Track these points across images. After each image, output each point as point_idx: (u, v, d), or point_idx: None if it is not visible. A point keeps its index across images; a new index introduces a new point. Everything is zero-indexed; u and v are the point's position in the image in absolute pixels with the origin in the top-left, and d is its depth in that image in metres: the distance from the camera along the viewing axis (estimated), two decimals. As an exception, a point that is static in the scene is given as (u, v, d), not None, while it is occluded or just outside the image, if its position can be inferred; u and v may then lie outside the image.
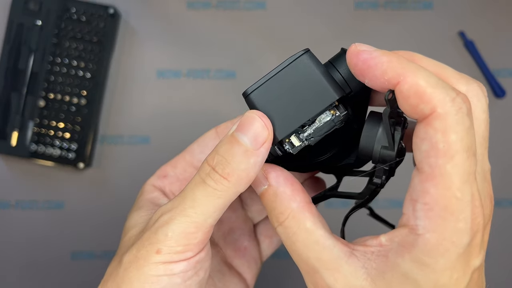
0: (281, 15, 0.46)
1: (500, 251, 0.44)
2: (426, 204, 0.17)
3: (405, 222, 0.18)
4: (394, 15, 0.46)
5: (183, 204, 0.21)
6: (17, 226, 0.44)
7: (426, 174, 0.18)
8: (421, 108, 0.17)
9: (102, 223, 0.44)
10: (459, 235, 0.17)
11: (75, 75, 0.43)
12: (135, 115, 0.45)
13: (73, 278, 0.44)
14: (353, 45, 0.19)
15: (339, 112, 0.20)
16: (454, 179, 0.17)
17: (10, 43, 0.43)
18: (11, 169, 0.44)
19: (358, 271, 0.19)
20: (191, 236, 0.20)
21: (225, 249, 0.28)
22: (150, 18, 0.45)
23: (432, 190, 0.17)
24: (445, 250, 0.17)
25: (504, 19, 0.46)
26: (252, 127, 0.20)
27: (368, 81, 0.19)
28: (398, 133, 0.20)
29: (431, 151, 0.17)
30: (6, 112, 0.43)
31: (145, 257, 0.21)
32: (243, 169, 0.20)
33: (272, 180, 0.20)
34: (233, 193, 0.20)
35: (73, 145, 0.43)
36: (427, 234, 0.17)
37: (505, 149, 0.45)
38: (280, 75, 0.20)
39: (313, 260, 0.19)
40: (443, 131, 0.17)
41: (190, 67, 0.45)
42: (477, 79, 0.49)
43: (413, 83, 0.18)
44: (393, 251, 0.18)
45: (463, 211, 0.17)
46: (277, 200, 0.20)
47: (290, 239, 0.20)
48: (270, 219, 0.21)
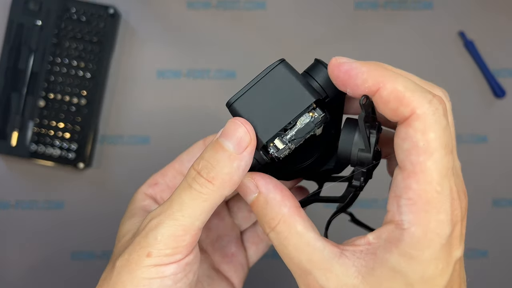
0: (281, 15, 0.46)
1: (500, 251, 0.44)
2: (410, 199, 0.19)
3: (391, 219, 0.19)
4: (394, 15, 0.46)
5: (171, 208, 0.21)
6: (17, 226, 0.44)
7: (408, 171, 0.19)
8: (401, 111, 0.19)
9: (102, 223, 0.44)
10: (442, 227, 0.19)
11: (75, 75, 0.43)
12: (135, 115, 0.45)
13: (73, 278, 0.44)
14: (334, 59, 0.21)
15: (317, 114, 0.22)
16: (434, 175, 0.18)
17: (10, 43, 0.43)
18: (11, 169, 0.44)
19: (349, 270, 0.19)
20: (179, 239, 0.21)
21: (213, 255, 0.29)
22: (150, 18, 0.45)
23: (414, 185, 0.19)
24: (430, 242, 0.18)
25: (504, 19, 0.46)
26: (235, 133, 0.21)
27: (350, 90, 0.20)
28: (373, 136, 0.21)
29: (412, 149, 0.19)
30: (6, 112, 0.43)
31: (136, 261, 0.21)
32: (227, 172, 0.21)
33: (262, 187, 0.21)
34: (218, 196, 0.21)
35: (73, 145, 0.43)
36: (412, 227, 0.18)
37: (505, 149, 0.45)
38: (260, 84, 0.22)
39: (305, 262, 0.20)
40: (422, 131, 0.18)
41: (190, 67, 0.45)
42: (477, 79, 0.49)
43: (392, 88, 0.19)
44: (381, 248, 0.19)
45: (443, 204, 0.19)
46: (268, 207, 0.21)
47: (282, 243, 0.21)
48: (262, 226, 0.22)
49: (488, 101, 0.45)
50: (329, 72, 0.21)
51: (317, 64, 0.23)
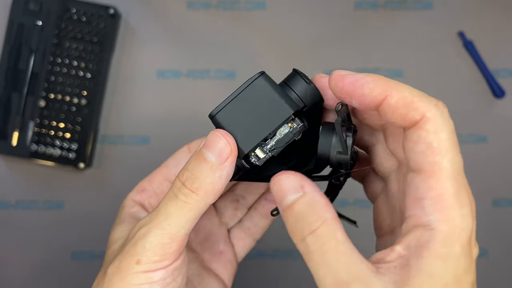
0: (281, 15, 0.46)
1: (500, 251, 0.44)
2: (433, 198, 0.19)
3: (416, 223, 0.19)
4: (394, 15, 0.46)
5: (158, 218, 0.23)
6: (17, 226, 0.44)
7: (427, 172, 0.19)
8: (411, 116, 0.20)
9: (102, 223, 0.44)
10: (466, 221, 0.19)
11: (75, 75, 0.43)
12: (135, 115, 0.45)
13: (73, 278, 0.44)
14: (336, 72, 0.21)
15: (296, 124, 0.23)
16: (451, 172, 0.19)
17: (10, 43, 0.43)
18: (11, 169, 0.44)
19: (387, 285, 0.19)
20: (166, 247, 0.22)
21: (203, 254, 0.30)
22: (150, 18, 0.45)
23: (435, 184, 0.19)
24: (458, 237, 0.19)
25: (503, 19, 0.46)
26: (216, 145, 0.22)
27: (356, 100, 0.21)
28: (350, 139, 0.23)
29: (427, 150, 0.19)
30: (7, 112, 0.43)
31: (127, 268, 0.23)
32: (209, 182, 0.22)
33: (309, 188, 0.21)
34: (202, 205, 0.22)
35: (74, 145, 0.43)
36: (440, 226, 0.19)
37: (505, 149, 0.45)
38: (240, 97, 0.23)
39: (344, 272, 0.19)
40: (434, 132, 0.19)
41: (190, 67, 0.45)
42: (476, 79, 0.49)
43: (400, 96, 0.20)
44: (413, 256, 0.19)
45: (463, 198, 0.19)
46: (312, 208, 0.20)
47: (321, 249, 0.20)
48: (298, 228, 0.21)
49: (487, 101, 0.45)
50: (331, 85, 0.21)
51: (295, 75, 0.24)
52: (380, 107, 0.20)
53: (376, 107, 0.21)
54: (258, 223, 0.31)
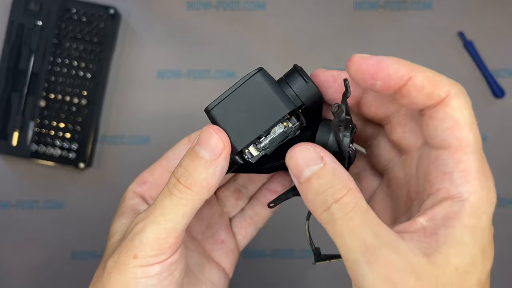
0: (281, 15, 0.46)
1: (500, 250, 0.44)
2: (463, 171, 0.20)
3: (445, 196, 0.20)
4: (394, 15, 0.46)
5: (154, 213, 0.23)
6: (17, 226, 0.44)
7: (455, 146, 0.20)
8: (437, 93, 0.20)
9: (102, 223, 0.44)
10: (492, 193, 0.20)
11: (75, 75, 0.43)
12: (135, 115, 0.45)
13: (74, 277, 0.44)
14: (356, 55, 0.21)
15: (291, 124, 0.22)
16: (477, 146, 0.20)
17: (10, 44, 0.43)
18: (11, 169, 0.44)
19: (414, 251, 0.19)
20: (162, 241, 0.23)
21: (204, 243, 0.30)
22: (150, 18, 0.45)
23: (464, 157, 0.20)
24: (485, 208, 0.20)
25: (503, 19, 0.46)
26: (209, 141, 0.22)
27: (381, 81, 0.21)
28: (347, 138, 0.22)
29: (455, 126, 0.20)
30: (7, 112, 0.43)
31: (124, 262, 0.23)
32: (203, 178, 0.22)
33: (330, 159, 0.21)
34: (197, 201, 0.23)
35: (74, 145, 0.43)
36: (471, 196, 0.19)
37: (505, 149, 0.45)
38: (237, 92, 0.23)
39: (372, 236, 0.19)
40: (460, 108, 0.20)
41: (190, 67, 0.45)
42: (476, 79, 0.49)
43: (424, 75, 0.20)
44: (441, 226, 0.19)
45: (488, 172, 0.20)
46: (336, 178, 0.21)
47: (347, 216, 0.20)
48: (321, 199, 0.21)
49: (487, 101, 0.45)
50: (353, 68, 0.21)
51: (294, 72, 0.23)
52: (404, 87, 0.21)
53: (399, 88, 0.21)
54: (259, 212, 0.31)
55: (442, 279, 0.19)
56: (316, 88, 0.23)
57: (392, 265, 0.19)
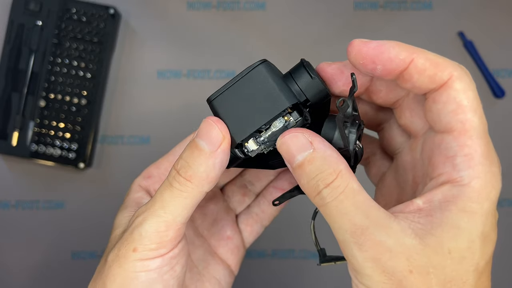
0: (281, 15, 0.46)
1: (500, 250, 0.44)
2: (466, 155, 0.19)
3: (446, 179, 0.20)
4: (394, 15, 0.46)
5: (154, 206, 0.23)
6: (17, 226, 0.44)
7: (458, 130, 0.19)
8: (439, 76, 0.20)
9: (103, 222, 0.44)
10: (497, 178, 0.19)
11: (75, 75, 0.43)
12: (135, 115, 0.45)
13: (73, 277, 0.44)
14: (356, 40, 0.21)
15: (293, 118, 0.22)
16: (481, 129, 0.19)
17: (10, 43, 0.43)
18: (11, 169, 0.44)
19: (407, 231, 0.19)
20: (162, 234, 0.23)
21: (210, 240, 0.30)
22: (150, 18, 0.45)
23: (468, 141, 0.19)
24: (488, 194, 0.19)
25: (503, 19, 0.46)
26: (208, 133, 0.22)
27: (382, 65, 0.20)
28: (353, 134, 0.21)
29: (458, 109, 0.19)
30: (7, 112, 0.43)
31: (125, 256, 0.23)
32: (203, 170, 0.22)
33: (319, 144, 0.21)
34: (197, 193, 0.22)
35: (74, 145, 0.43)
36: (472, 181, 0.19)
37: (505, 149, 0.45)
38: (239, 84, 0.22)
39: (362, 217, 0.19)
40: (464, 90, 0.20)
41: (190, 67, 0.45)
42: (476, 79, 0.49)
43: (426, 57, 0.20)
44: (437, 209, 0.19)
45: (494, 156, 0.20)
46: (326, 163, 0.20)
47: (338, 199, 0.20)
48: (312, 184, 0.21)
49: (487, 101, 0.45)
50: (353, 53, 0.21)
51: (300, 67, 0.23)
52: (406, 71, 0.20)
53: (401, 71, 0.20)
54: (266, 210, 0.31)
55: (434, 261, 0.19)
56: (322, 85, 0.22)
57: (381, 245, 0.19)
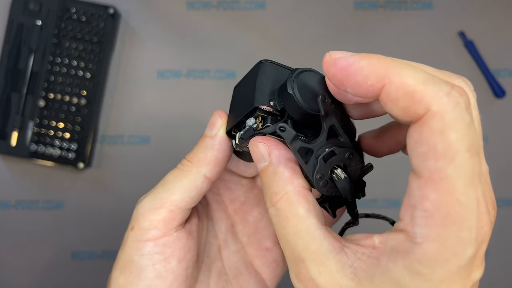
0: (281, 15, 0.46)
1: (500, 251, 0.44)
2: (426, 211, 0.16)
3: (402, 228, 0.17)
4: (394, 15, 0.46)
5: (156, 185, 0.24)
6: (17, 226, 0.44)
7: (425, 178, 0.16)
8: (414, 109, 0.16)
9: (102, 223, 0.44)
10: (463, 246, 0.16)
11: (75, 75, 0.43)
12: (135, 115, 0.45)
13: (73, 278, 0.44)
14: (327, 54, 0.18)
15: (264, 123, 0.21)
16: (457, 183, 0.15)
17: (10, 43, 0.43)
18: (11, 169, 0.44)
19: (346, 270, 0.17)
20: (156, 212, 0.23)
21: (248, 248, 0.29)
22: (150, 18, 0.45)
23: (432, 195, 0.16)
24: (445, 261, 0.16)
25: (504, 19, 0.46)
26: (211, 120, 0.24)
27: (351, 89, 0.18)
28: (316, 163, 0.19)
29: (429, 153, 0.16)
30: (6, 112, 0.43)
31: (127, 236, 0.24)
32: (202, 151, 0.24)
33: (274, 157, 0.20)
34: (196, 173, 0.24)
35: (73, 145, 0.43)
36: (425, 243, 0.16)
37: (505, 149, 0.45)
38: (245, 78, 0.23)
39: (300, 248, 0.18)
40: (440, 131, 0.15)
41: (190, 67, 0.45)
42: (476, 79, 0.49)
43: (400, 83, 0.16)
44: (386, 255, 0.17)
45: (467, 219, 0.16)
46: (275, 180, 0.19)
47: (280, 223, 0.19)
48: (264, 197, 0.20)
49: (488, 101, 0.45)
50: (324, 71, 0.18)
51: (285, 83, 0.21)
52: (380, 98, 0.17)
53: (375, 97, 0.17)
54: None
55: None
56: (297, 103, 0.20)
57: (312, 281, 0.18)
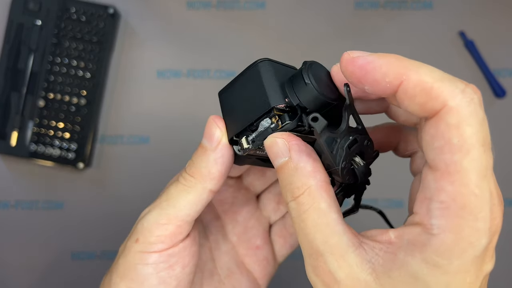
0: (281, 15, 0.46)
1: (500, 250, 0.44)
2: (442, 202, 0.17)
3: (418, 221, 0.18)
4: (394, 15, 0.46)
5: (160, 199, 0.24)
6: (17, 226, 0.44)
7: (441, 171, 0.17)
8: (431, 105, 0.17)
9: (102, 223, 0.44)
10: (478, 236, 0.16)
11: (75, 75, 0.43)
12: (134, 115, 0.45)
13: (73, 278, 0.44)
14: (346, 53, 0.19)
15: (282, 122, 0.21)
16: (472, 175, 0.16)
17: (10, 43, 0.43)
18: (11, 169, 0.44)
19: (364, 264, 0.18)
20: (162, 227, 0.23)
21: (238, 247, 0.29)
22: (150, 18, 0.45)
23: (448, 187, 0.16)
24: (462, 252, 0.16)
25: (504, 19, 0.46)
26: (209, 131, 0.23)
27: (369, 87, 0.18)
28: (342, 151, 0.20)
29: (445, 147, 0.16)
30: (6, 112, 0.43)
31: (129, 247, 0.23)
32: (204, 166, 0.23)
33: (295, 153, 0.20)
34: (200, 189, 0.23)
35: (73, 145, 0.43)
36: (442, 234, 0.17)
37: (505, 149, 0.45)
38: (241, 80, 0.22)
39: (320, 242, 0.18)
40: (456, 125, 0.16)
41: (190, 67, 0.45)
42: (477, 79, 0.49)
43: (417, 80, 0.17)
44: (403, 249, 0.17)
45: (482, 210, 0.16)
46: (296, 175, 0.20)
47: (300, 216, 0.19)
48: (284, 193, 0.20)
49: (488, 101, 0.45)
50: (342, 69, 0.19)
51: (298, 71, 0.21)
52: (396, 95, 0.18)
53: (391, 94, 0.18)
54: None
55: None
56: (316, 92, 0.21)
57: (330, 275, 0.18)
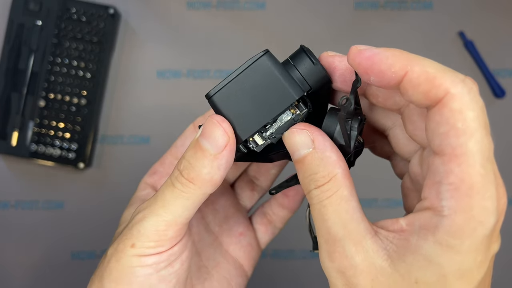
0: (281, 15, 0.46)
1: (500, 250, 0.44)
2: (451, 184, 0.17)
3: (428, 206, 0.18)
4: (394, 15, 0.46)
5: (155, 204, 0.23)
6: (17, 226, 0.44)
7: (448, 155, 0.18)
8: (434, 93, 0.18)
9: (102, 223, 0.44)
10: (487, 215, 0.17)
11: (75, 75, 0.43)
12: (135, 115, 0.45)
13: (73, 278, 0.44)
14: (353, 47, 0.20)
15: (299, 111, 0.21)
16: (477, 157, 0.17)
17: (10, 43, 0.43)
18: (11, 169, 0.44)
19: (380, 251, 0.19)
20: (161, 234, 0.22)
21: (221, 237, 0.30)
22: (150, 18, 0.45)
23: (456, 169, 0.17)
24: (472, 231, 0.17)
25: (504, 19, 0.46)
26: (213, 134, 0.21)
27: (375, 77, 0.19)
28: (354, 132, 0.21)
29: (451, 131, 0.17)
30: (6, 112, 0.43)
31: (122, 250, 0.23)
32: (206, 173, 0.21)
33: (320, 143, 0.20)
34: (200, 195, 0.22)
35: (73, 145, 0.43)
36: (453, 214, 0.17)
37: (505, 149, 0.45)
38: (241, 77, 0.21)
39: (339, 227, 0.19)
40: (459, 110, 0.17)
41: (190, 67, 0.45)
42: (477, 79, 0.49)
43: (421, 70, 0.18)
44: (415, 234, 0.18)
45: (489, 189, 0.17)
46: (322, 164, 0.20)
47: (322, 203, 0.20)
48: (306, 183, 0.21)
49: (488, 101, 0.45)
50: (349, 61, 0.20)
51: (301, 52, 0.22)
52: (401, 85, 0.19)
53: (396, 84, 0.19)
54: (277, 212, 0.31)
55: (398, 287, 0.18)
56: (324, 71, 0.21)
57: (347, 260, 0.19)
